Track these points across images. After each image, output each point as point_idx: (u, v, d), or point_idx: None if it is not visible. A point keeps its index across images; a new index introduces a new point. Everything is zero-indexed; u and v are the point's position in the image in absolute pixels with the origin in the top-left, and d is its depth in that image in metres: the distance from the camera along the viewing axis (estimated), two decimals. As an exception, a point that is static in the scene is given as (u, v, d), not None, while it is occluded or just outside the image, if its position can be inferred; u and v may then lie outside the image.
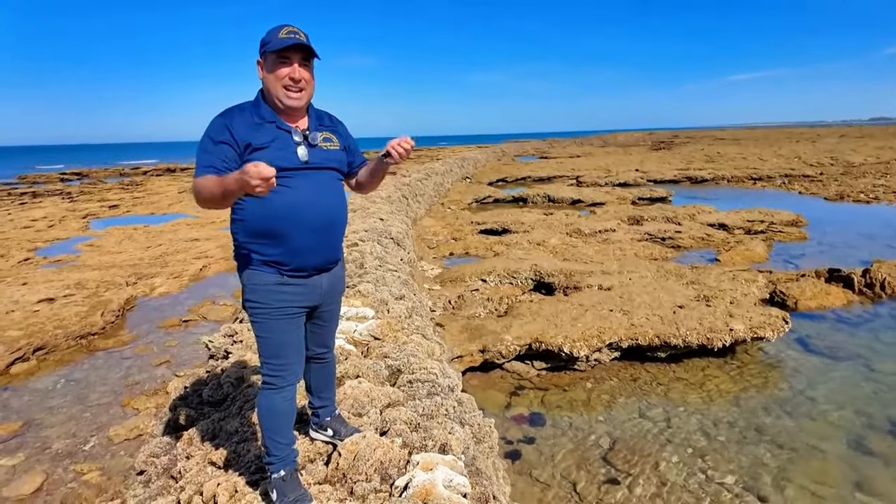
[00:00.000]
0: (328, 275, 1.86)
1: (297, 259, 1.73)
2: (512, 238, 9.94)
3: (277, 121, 1.71)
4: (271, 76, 1.69)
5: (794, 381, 4.85)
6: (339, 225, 1.86)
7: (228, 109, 1.71)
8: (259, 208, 1.66)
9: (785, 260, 8.62)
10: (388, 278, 4.24)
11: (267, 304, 1.72)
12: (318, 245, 1.77)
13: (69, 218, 13.62)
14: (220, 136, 1.63)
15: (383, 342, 2.95)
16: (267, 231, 1.69)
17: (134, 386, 4.58)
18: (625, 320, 5.10)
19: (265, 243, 1.70)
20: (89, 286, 6.87)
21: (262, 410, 1.79)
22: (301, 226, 1.70)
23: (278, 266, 1.72)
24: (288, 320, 1.76)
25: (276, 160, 1.60)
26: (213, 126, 1.65)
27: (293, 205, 1.68)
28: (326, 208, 1.78)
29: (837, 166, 22.13)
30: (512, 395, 4.57)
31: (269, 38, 1.68)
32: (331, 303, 1.92)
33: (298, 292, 1.77)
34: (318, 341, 1.95)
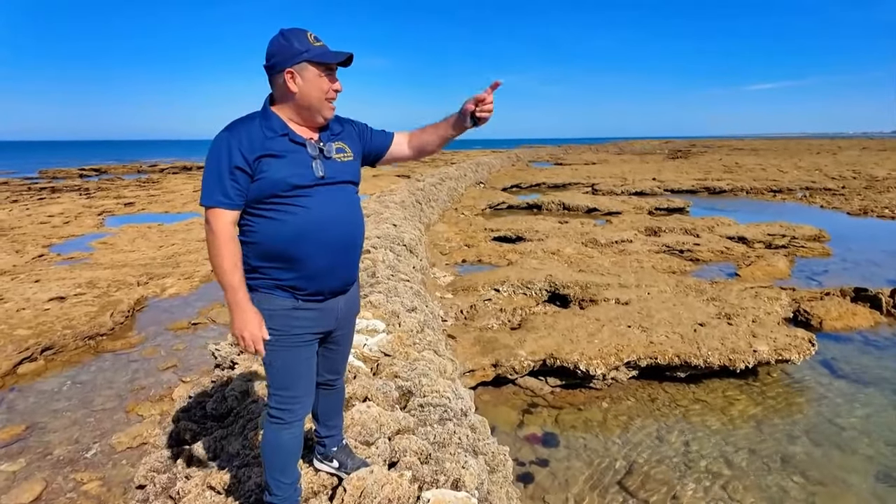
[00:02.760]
0: (345, 297, 1.73)
1: (315, 283, 1.61)
2: (526, 246, 9.78)
3: (290, 133, 1.58)
4: (314, 89, 1.56)
5: (820, 406, 4.64)
6: (359, 243, 1.75)
7: (234, 124, 1.56)
8: (273, 230, 1.54)
9: (807, 277, 8.36)
10: (399, 289, 4.13)
11: (279, 331, 1.60)
12: (336, 266, 1.65)
13: (85, 214, 13.71)
14: (229, 157, 1.49)
15: (394, 359, 2.83)
16: (282, 254, 1.56)
17: (139, 391, 4.51)
18: (643, 338, 4.92)
19: (279, 267, 1.58)
20: (100, 285, 6.85)
21: (266, 446, 1.67)
22: (319, 247, 1.58)
23: (293, 291, 1.60)
24: (301, 348, 1.64)
25: (291, 177, 1.51)
26: (220, 145, 1.51)
27: (310, 225, 1.56)
28: (345, 226, 1.65)
29: (860, 180, 21.65)
30: (525, 412, 4.42)
31: (301, 45, 1.53)
32: (346, 326, 1.80)
33: (314, 318, 1.65)
34: (329, 367, 1.82)
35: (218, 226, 1.49)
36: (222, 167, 1.49)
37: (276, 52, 1.55)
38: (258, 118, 1.58)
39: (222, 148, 1.50)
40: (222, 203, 1.50)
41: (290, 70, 1.54)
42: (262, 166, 1.50)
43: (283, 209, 1.53)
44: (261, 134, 1.53)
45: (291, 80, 1.55)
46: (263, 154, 1.51)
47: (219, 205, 1.49)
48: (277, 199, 1.52)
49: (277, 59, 1.55)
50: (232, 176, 1.49)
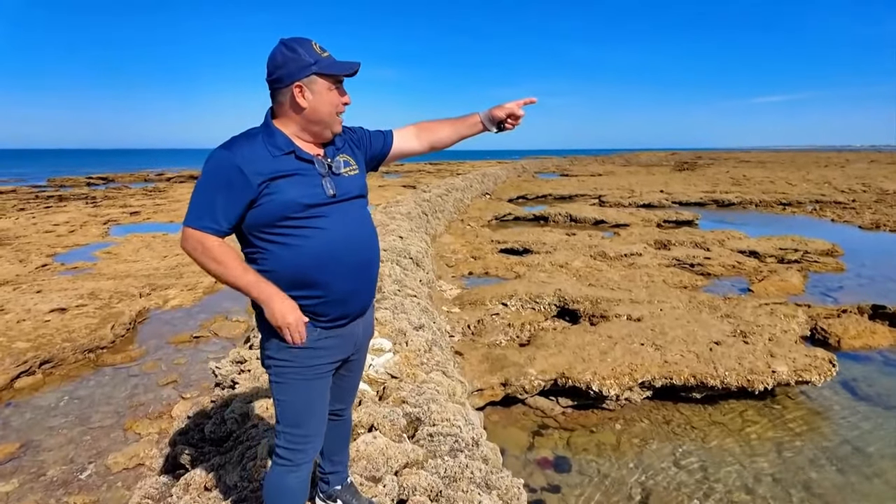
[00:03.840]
0: (363, 319, 1.62)
1: (338, 307, 1.50)
2: (533, 259, 9.65)
3: (297, 150, 1.45)
4: (324, 103, 1.44)
5: (842, 430, 4.46)
6: (377, 259, 1.63)
7: (235, 141, 1.42)
8: (290, 255, 1.42)
9: (822, 293, 8.17)
10: (406, 305, 4.00)
11: (295, 362, 1.47)
12: (358, 288, 1.54)
13: (90, 223, 13.69)
14: (225, 179, 1.36)
15: (401, 381, 2.70)
16: (302, 280, 1.44)
17: (138, 407, 4.39)
18: (657, 356, 4.77)
19: (300, 295, 1.45)
20: (102, 296, 6.75)
21: (270, 489, 1.53)
22: (341, 269, 1.47)
23: (314, 318, 1.47)
24: (318, 381, 1.51)
25: (302, 197, 1.39)
26: (217, 164, 1.37)
27: (330, 246, 1.44)
28: (363, 244, 1.54)
29: (870, 193, 21.42)
30: (535, 434, 4.26)
31: (309, 56, 1.40)
32: (361, 350, 1.68)
33: (334, 345, 1.52)
34: (338, 396, 1.68)
35: (208, 242, 1.38)
36: (219, 190, 1.35)
37: (281, 65, 1.41)
38: (261, 135, 1.44)
39: (222, 168, 1.36)
40: (211, 229, 1.37)
41: (300, 84, 1.42)
42: (268, 188, 1.38)
43: (298, 233, 1.41)
44: (265, 152, 1.40)
45: (300, 95, 1.43)
46: (273, 176, 1.38)
47: (207, 230, 1.37)
48: (290, 222, 1.40)
49: (283, 73, 1.41)
50: (229, 201, 1.36)
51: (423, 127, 1.76)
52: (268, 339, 1.48)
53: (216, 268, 1.38)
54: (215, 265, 1.38)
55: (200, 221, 1.37)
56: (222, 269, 1.38)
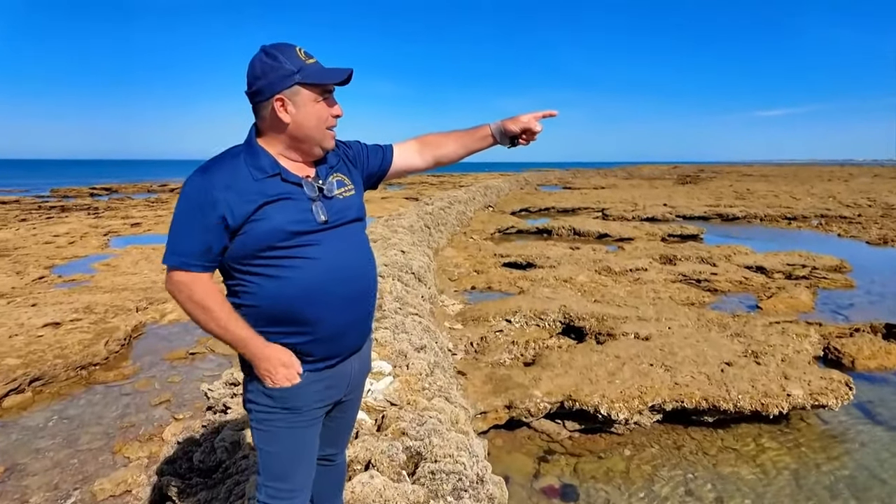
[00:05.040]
0: (359, 355, 1.46)
1: (329, 346, 1.35)
2: (537, 273, 9.50)
3: (283, 171, 1.30)
4: (310, 117, 1.29)
5: (860, 457, 4.28)
6: (374, 289, 1.48)
7: (213, 164, 1.27)
8: (275, 289, 1.27)
9: (832, 310, 7.99)
10: (408, 324, 3.86)
11: (280, 408, 1.32)
12: (352, 322, 1.39)
13: (90, 235, 13.60)
14: (203, 208, 1.21)
15: (401, 409, 2.55)
16: (289, 317, 1.30)
17: (129, 429, 4.23)
18: (667, 378, 4.60)
19: (286, 332, 1.31)
20: (98, 310, 6.62)
21: None
22: (332, 304, 1.32)
23: (302, 357, 1.33)
24: (306, 429, 1.35)
25: (288, 224, 1.24)
26: (197, 193, 1.22)
27: (320, 279, 1.29)
28: (358, 273, 1.39)
29: (876, 208, 21.25)
30: (541, 460, 4.09)
31: (292, 63, 1.25)
32: (357, 389, 1.51)
33: (325, 388, 1.37)
34: (330, 439, 1.52)
35: (196, 287, 1.24)
36: (198, 221, 1.21)
37: (260, 75, 1.26)
38: (242, 155, 1.29)
39: (199, 197, 1.21)
40: (197, 266, 1.23)
41: (280, 96, 1.27)
42: (252, 216, 1.24)
43: (285, 263, 1.27)
44: (248, 176, 1.25)
45: (282, 109, 1.28)
46: (259, 203, 1.24)
47: (192, 268, 1.23)
48: (276, 252, 1.26)
49: (263, 84, 1.26)
50: (211, 233, 1.21)
51: (427, 141, 1.60)
52: (250, 380, 1.33)
53: (202, 316, 1.25)
54: (202, 313, 1.24)
55: (183, 258, 1.23)
56: (208, 318, 1.25)
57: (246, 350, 1.27)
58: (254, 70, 1.27)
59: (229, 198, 1.21)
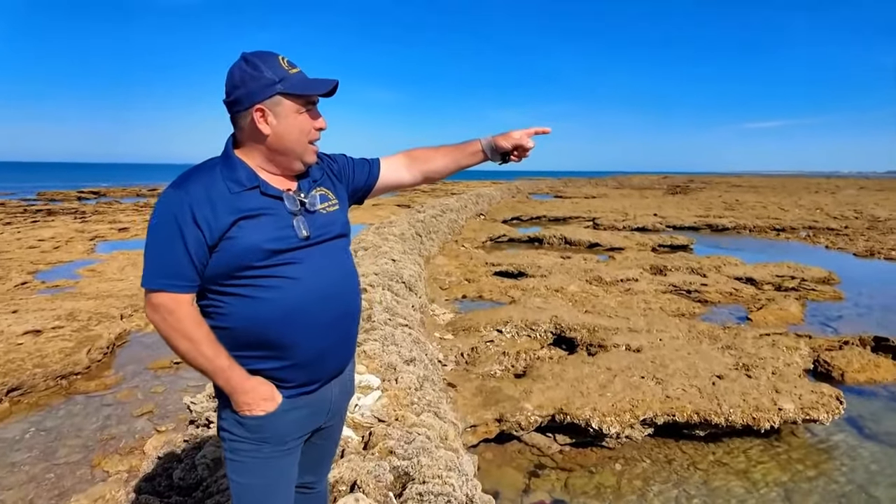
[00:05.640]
0: (339, 380, 1.38)
1: (307, 372, 1.27)
2: (528, 282, 9.47)
3: (262, 184, 1.23)
4: (292, 129, 1.22)
5: (850, 472, 4.26)
6: (357, 310, 1.40)
7: (187, 178, 1.19)
8: (251, 310, 1.20)
9: (821, 323, 8.03)
10: (397, 336, 3.79)
11: (254, 438, 1.24)
12: (333, 345, 1.31)
13: (76, 239, 13.39)
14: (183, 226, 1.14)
15: (389, 426, 2.49)
16: (264, 340, 1.22)
17: (109, 441, 4.11)
18: (659, 391, 4.57)
19: (261, 356, 1.23)
20: (81, 318, 6.48)
21: None
22: (313, 327, 1.24)
23: (279, 384, 1.25)
24: (281, 459, 1.27)
25: (267, 242, 1.17)
26: (171, 209, 1.15)
27: (300, 300, 1.22)
28: (341, 294, 1.31)
29: (862, 220, 21.52)
30: (531, 475, 4.03)
31: (273, 73, 1.19)
32: (338, 415, 1.43)
33: (304, 415, 1.29)
34: (309, 467, 1.43)
35: (180, 311, 1.16)
36: (175, 238, 1.13)
37: (239, 83, 1.20)
38: (218, 167, 1.22)
39: (175, 212, 1.14)
40: (176, 287, 1.16)
41: (261, 106, 1.20)
42: (228, 232, 1.16)
43: (262, 283, 1.19)
44: (224, 189, 1.18)
45: (262, 120, 1.21)
46: (235, 218, 1.17)
47: (172, 289, 1.16)
48: (253, 272, 1.18)
49: (242, 93, 1.20)
50: (189, 251, 1.14)
51: (415, 155, 1.53)
52: (224, 407, 1.26)
53: (185, 346, 1.17)
54: (185, 343, 1.16)
55: (165, 280, 1.15)
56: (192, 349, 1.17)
57: (227, 383, 1.19)
58: (233, 78, 1.21)
59: (206, 212, 1.14)
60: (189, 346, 1.16)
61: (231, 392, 1.20)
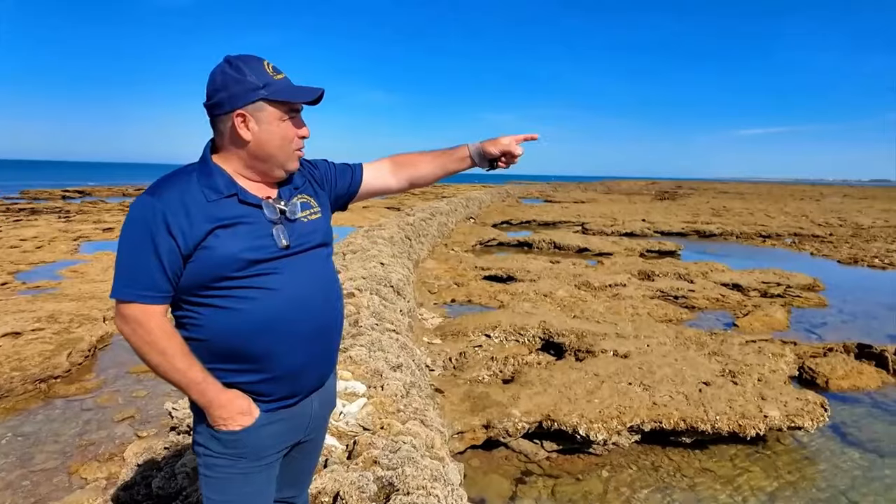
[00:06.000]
0: (319, 393, 1.34)
1: (286, 385, 1.23)
2: (517, 287, 9.47)
3: (240, 192, 1.19)
4: (274, 136, 1.19)
5: (834, 479, 4.29)
6: (339, 323, 1.36)
7: (162, 184, 1.15)
8: (228, 322, 1.15)
9: (806, 329, 8.11)
10: (384, 341, 3.76)
11: (230, 454, 1.19)
12: (313, 358, 1.27)
13: (60, 239, 13.17)
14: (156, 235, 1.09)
15: (374, 435, 2.45)
16: (241, 353, 1.18)
17: (88, 447, 4.02)
18: (646, 397, 4.57)
19: (237, 369, 1.19)
20: (62, 320, 6.36)
21: None
22: (292, 339, 1.20)
23: (257, 397, 1.21)
24: (258, 475, 1.23)
25: (245, 251, 1.13)
26: (144, 217, 1.10)
27: (278, 311, 1.18)
28: (321, 305, 1.27)
29: (846, 227, 21.84)
30: (518, 481, 4.00)
31: (257, 78, 1.15)
32: (318, 430, 1.39)
33: (282, 430, 1.25)
34: (289, 480, 1.39)
35: (152, 324, 1.12)
36: (148, 246, 1.09)
37: (221, 87, 1.16)
38: (195, 174, 1.18)
39: (148, 220, 1.10)
40: (147, 299, 1.11)
41: (242, 111, 1.16)
42: (204, 241, 1.12)
43: (240, 294, 1.15)
44: (200, 196, 1.14)
45: (243, 125, 1.17)
46: (211, 227, 1.13)
47: (142, 301, 1.11)
48: (230, 283, 1.14)
49: (223, 97, 1.16)
50: (162, 261, 1.10)
51: (400, 161, 1.50)
52: (199, 421, 1.22)
53: (157, 359, 1.13)
54: (157, 356, 1.12)
55: (136, 290, 1.10)
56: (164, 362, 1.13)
57: (201, 396, 1.15)
58: (214, 81, 1.17)
59: (180, 221, 1.10)
60: (161, 359, 1.12)
61: (206, 406, 1.16)
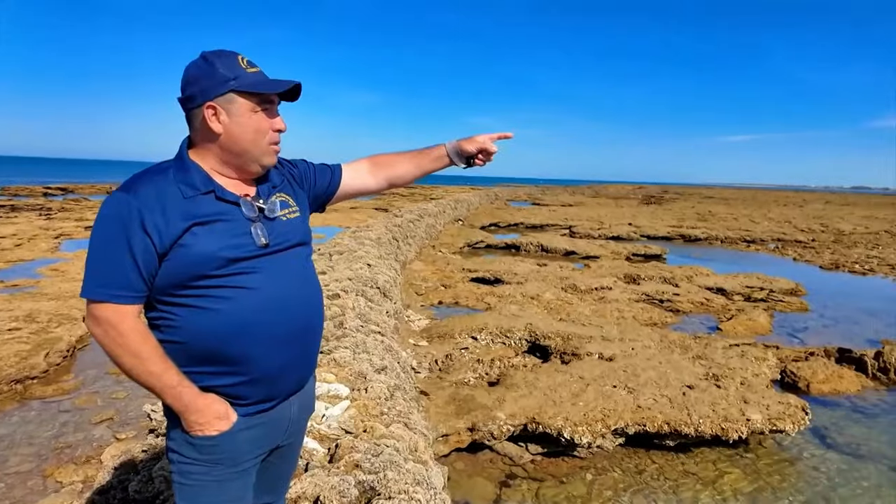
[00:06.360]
0: (299, 396, 1.31)
1: (264, 388, 1.20)
2: (504, 290, 9.48)
3: (217, 189, 1.17)
4: (246, 129, 1.16)
5: (814, 482, 4.34)
6: (319, 322, 1.34)
7: (138, 179, 1.13)
8: (205, 323, 1.13)
9: (788, 333, 8.21)
10: (369, 343, 3.72)
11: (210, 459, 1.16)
12: (293, 360, 1.24)
13: (40, 237, 12.92)
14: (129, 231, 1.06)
15: (356, 439, 2.42)
16: (219, 355, 1.15)
17: (64, 450, 3.94)
18: (630, 400, 4.59)
19: (215, 372, 1.16)
20: (40, 319, 6.23)
21: None
22: (270, 339, 1.17)
23: (234, 401, 1.18)
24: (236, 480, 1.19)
25: (223, 250, 1.11)
26: (119, 213, 1.07)
27: (257, 312, 1.15)
28: (302, 305, 1.25)
29: (828, 233, 22.21)
30: (502, 485, 3.99)
31: (228, 70, 1.14)
32: (297, 434, 1.36)
33: (259, 435, 1.22)
34: (266, 486, 1.35)
35: (125, 325, 1.08)
36: (121, 247, 1.06)
37: (193, 80, 1.15)
38: (171, 171, 1.16)
39: (123, 217, 1.06)
40: (121, 298, 1.08)
41: (212, 103, 1.14)
42: (180, 239, 1.10)
43: (218, 293, 1.12)
44: (177, 193, 1.12)
45: (214, 117, 1.15)
46: (188, 224, 1.10)
47: (116, 301, 1.07)
48: (207, 282, 1.12)
49: (195, 90, 1.15)
50: (137, 260, 1.07)
51: (379, 161, 1.50)
52: (173, 427, 1.19)
53: (131, 362, 1.09)
54: (131, 359, 1.08)
55: (109, 289, 1.07)
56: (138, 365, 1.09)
57: (176, 401, 1.12)
58: (187, 75, 1.16)
59: (156, 218, 1.08)
60: (134, 362, 1.09)
61: (182, 411, 1.13)
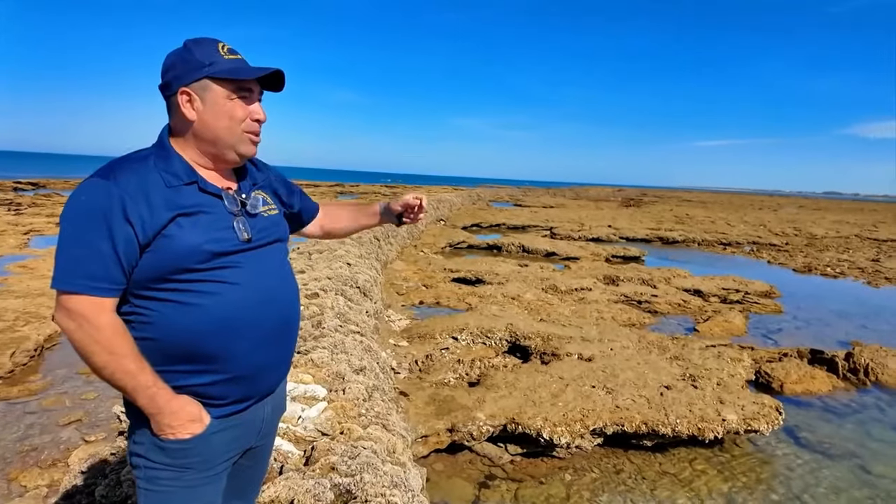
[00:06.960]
0: (273, 397, 1.27)
1: (242, 387, 1.16)
2: (486, 290, 9.49)
3: (200, 180, 1.13)
4: (220, 116, 1.13)
5: (787, 481, 4.42)
6: (297, 319, 1.31)
7: (117, 165, 1.08)
8: (184, 319, 1.08)
9: (763, 335, 8.37)
10: (347, 344, 3.67)
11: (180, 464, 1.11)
12: (271, 359, 1.21)
13: (9, 233, 12.52)
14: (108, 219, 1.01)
15: (333, 441, 2.37)
16: (197, 352, 1.10)
17: (30, 453, 3.80)
18: (609, 401, 4.61)
19: (191, 370, 1.11)
20: (6, 318, 6.03)
21: None
22: (250, 335, 1.13)
23: (208, 401, 1.13)
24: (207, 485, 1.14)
25: (207, 243, 1.07)
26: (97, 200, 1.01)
27: (238, 306, 1.11)
28: (281, 301, 1.22)
29: (801, 237, 22.74)
30: (481, 486, 3.97)
31: (205, 56, 1.10)
32: (268, 436, 1.32)
33: (232, 437, 1.17)
34: (236, 491, 1.31)
35: (101, 319, 1.02)
36: (101, 235, 1.00)
37: (170, 66, 1.12)
38: (152, 158, 1.11)
39: (103, 206, 1.01)
40: (98, 290, 1.02)
41: (186, 89, 1.11)
42: (163, 230, 1.05)
43: (199, 288, 1.08)
44: (160, 181, 1.08)
45: (188, 104, 1.12)
46: (173, 214, 1.06)
47: (93, 292, 1.02)
48: (190, 276, 1.08)
49: (171, 76, 1.12)
50: (118, 250, 1.02)
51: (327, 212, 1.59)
52: (139, 429, 1.13)
53: (104, 359, 1.02)
54: (105, 356, 1.02)
55: (85, 281, 1.00)
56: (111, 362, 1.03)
57: (150, 402, 1.06)
58: (166, 62, 1.14)
59: (139, 207, 1.03)
60: (109, 359, 1.02)
61: (155, 413, 1.08)
